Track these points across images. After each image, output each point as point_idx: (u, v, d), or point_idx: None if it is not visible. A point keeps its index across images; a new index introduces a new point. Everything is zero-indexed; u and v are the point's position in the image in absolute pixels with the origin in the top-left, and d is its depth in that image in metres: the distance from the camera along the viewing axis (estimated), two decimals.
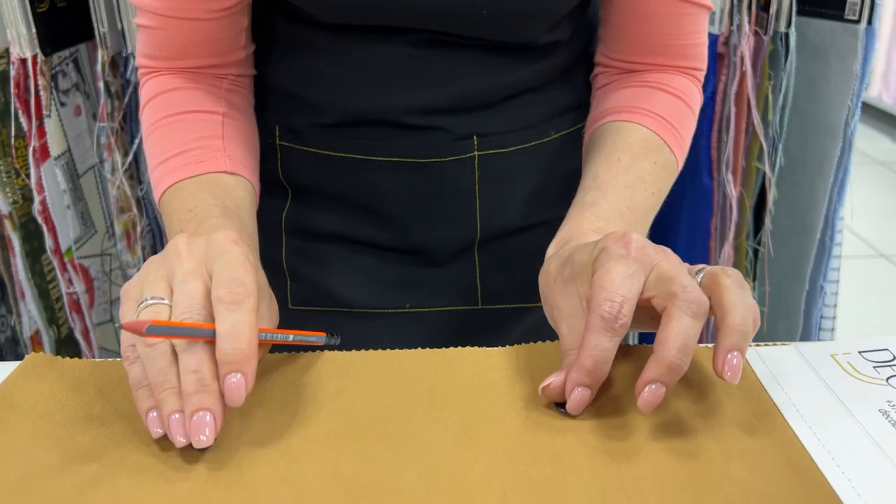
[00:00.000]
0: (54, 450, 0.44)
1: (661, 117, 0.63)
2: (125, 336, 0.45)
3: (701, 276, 0.47)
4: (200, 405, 0.42)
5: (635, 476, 0.42)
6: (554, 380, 0.47)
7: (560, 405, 0.48)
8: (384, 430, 0.46)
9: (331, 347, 0.54)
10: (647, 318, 0.48)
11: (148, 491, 0.41)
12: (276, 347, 0.51)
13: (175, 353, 0.43)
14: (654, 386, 0.43)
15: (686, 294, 0.43)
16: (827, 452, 0.43)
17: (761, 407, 0.48)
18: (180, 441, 0.42)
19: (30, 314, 1.06)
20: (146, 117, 0.63)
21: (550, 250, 0.56)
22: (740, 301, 0.44)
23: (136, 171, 1.01)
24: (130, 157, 0.99)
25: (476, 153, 0.66)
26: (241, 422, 0.46)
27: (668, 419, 0.47)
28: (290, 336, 0.50)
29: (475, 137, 0.66)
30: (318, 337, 0.53)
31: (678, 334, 0.43)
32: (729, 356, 0.43)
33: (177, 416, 0.42)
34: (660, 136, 0.62)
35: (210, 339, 0.43)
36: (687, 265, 0.48)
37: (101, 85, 0.96)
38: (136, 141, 0.99)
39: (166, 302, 0.44)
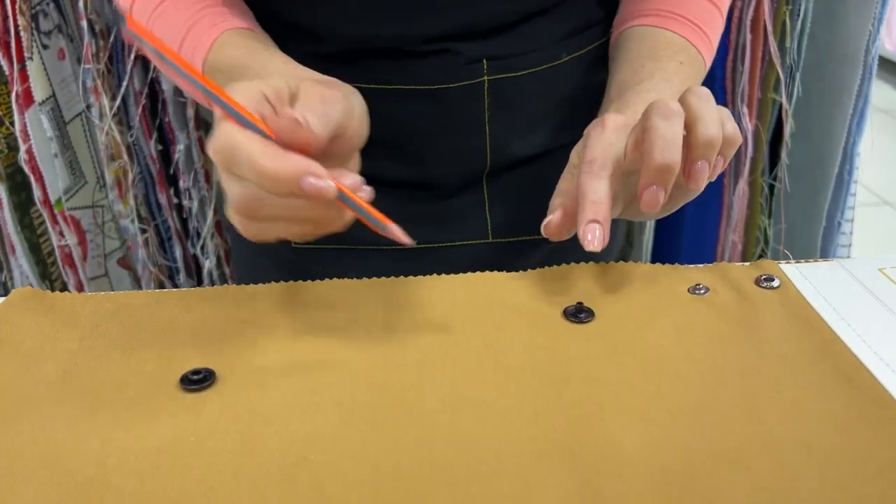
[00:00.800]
0: (45, 383, 0.41)
1: (688, 20, 0.60)
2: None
3: None
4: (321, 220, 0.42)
5: (679, 396, 0.39)
6: (553, 217, 0.48)
7: (572, 315, 0.45)
8: (401, 357, 0.42)
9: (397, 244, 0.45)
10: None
11: (147, 423, 0.38)
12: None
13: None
14: (652, 188, 0.44)
15: (653, 106, 0.44)
16: (886, 365, 0.40)
17: (808, 323, 0.44)
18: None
19: (21, 269, 1.02)
20: (137, 16, 0.58)
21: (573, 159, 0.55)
22: (706, 111, 0.44)
23: (124, 117, 0.97)
24: (119, 101, 0.95)
25: (486, 78, 0.62)
26: (250, 353, 0.43)
27: (709, 339, 0.43)
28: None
29: (485, 61, 0.62)
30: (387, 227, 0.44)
31: (656, 137, 0.43)
32: (698, 164, 0.45)
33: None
34: (687, 39, 0.60)
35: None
36: None
37: (84, 24, 0.90)
38: (124, 84, 0.94)
39: None
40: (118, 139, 0.96)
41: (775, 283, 0.48)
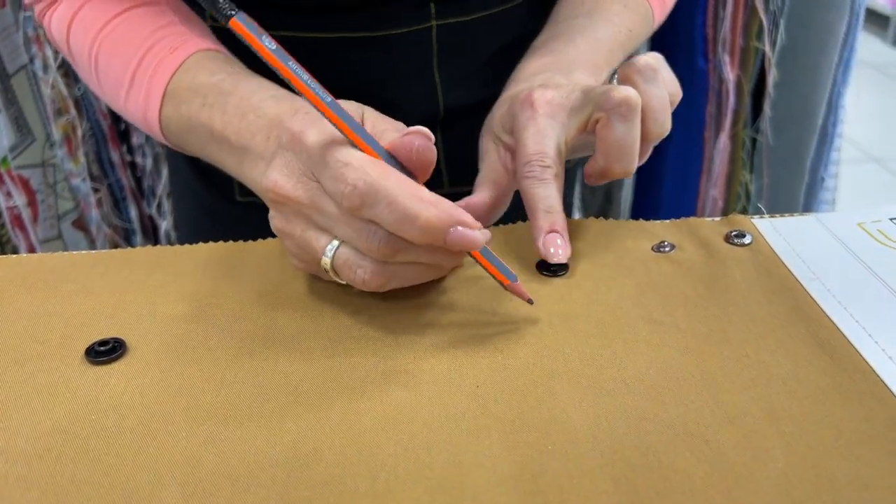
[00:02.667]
0: None
1: None
2: None
3: (615, 78, 0.46)
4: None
5: (636, 364, 0.35)
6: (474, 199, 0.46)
7: (546, 269, 0.42)
8: (329, 323, 0.39)
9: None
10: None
11: (44, 400, 0.34)
12: None
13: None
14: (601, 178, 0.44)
15: (609, 98, 0.41)
16: (863, 329, 0.36)
17: (780, 283, 0.41)
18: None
19: None
20: (77, 46, 0.52)
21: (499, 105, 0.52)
22: (656, 100, 0.43)
23: (70, 68, 0.91)
24: None
25: (434, 23, 0.58)
26: (167, 321, 0.39)
27: (672, 301, 0.39)
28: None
29: (432, 5, 0.58)
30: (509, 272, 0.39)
31: (615, 144, 0.42)
32: (646, 146, 0.44)
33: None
34: None
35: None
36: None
37: None
38: None
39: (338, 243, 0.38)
40: (65, 93, 0.91)
41: (746, 240, 0.44)
